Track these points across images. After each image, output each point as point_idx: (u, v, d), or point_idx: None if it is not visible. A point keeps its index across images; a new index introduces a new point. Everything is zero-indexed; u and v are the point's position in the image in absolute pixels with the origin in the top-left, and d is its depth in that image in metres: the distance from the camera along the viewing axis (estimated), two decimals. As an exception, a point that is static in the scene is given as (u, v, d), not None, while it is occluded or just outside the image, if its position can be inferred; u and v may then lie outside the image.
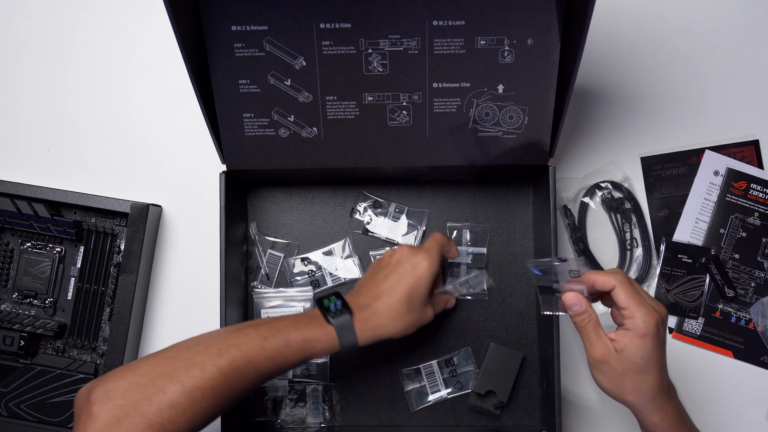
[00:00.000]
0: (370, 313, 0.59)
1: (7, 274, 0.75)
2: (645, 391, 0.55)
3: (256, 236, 0.75)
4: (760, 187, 0.75)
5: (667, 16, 0.78)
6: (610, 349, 0.55)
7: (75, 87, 0.79)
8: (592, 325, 0.56)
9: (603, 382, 0.56)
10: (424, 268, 0.61)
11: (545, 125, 0.65)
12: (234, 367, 0.52)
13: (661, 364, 0.55)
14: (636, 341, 0.54)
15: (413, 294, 0.60)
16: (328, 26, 0.61)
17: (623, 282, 0.55)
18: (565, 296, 0.57)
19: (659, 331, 0.54)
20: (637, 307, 0.54)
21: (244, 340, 0.54)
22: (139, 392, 0.49)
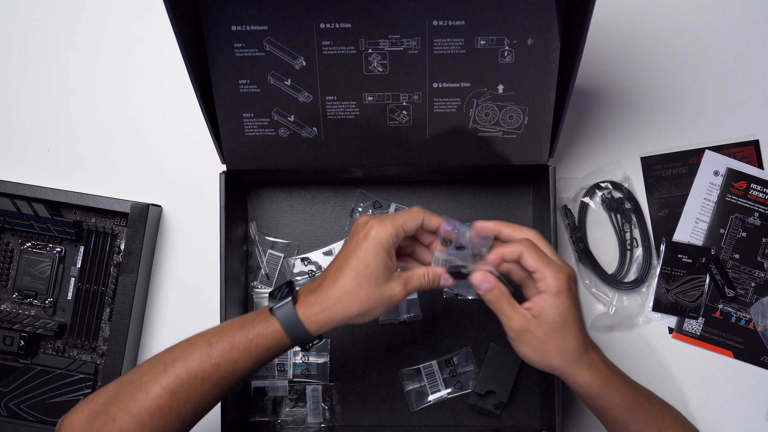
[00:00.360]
0: (317, 296, 0.53)
1: (7, 274, 0.75)
2: (569, 350, 0.54)
3: (256, 236, 0.75)
4: (760, 187, 0.75)
5: (667, 16, 0.78)
6: (528, 317, 0.54)
7: (75, 87, 0.79)
8: (505, 299, 0.55)
9: (527, 353, 0.55)
10: (372, 237, 0.53)
11: (545, 125, 0.65)
12: (179, 382, 0.51)
13: (579, 321, 0.54)
14: (552, 300, 0.53)
15: (360, 267, 0.52)
16: (328, 26, 0.61)
17: (529, 247, 0.54)
18: (472, 277, 0.56)
19: (571, 287, 0.54)
20: (546, 267, 0.53)
21: (189, 350, 0.52)
22: (96, 422, 0.50)
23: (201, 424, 0.55)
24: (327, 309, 0.53)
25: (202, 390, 0.51)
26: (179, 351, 0.53)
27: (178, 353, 0.52)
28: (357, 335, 0.74)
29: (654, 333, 0.74)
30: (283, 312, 0.52)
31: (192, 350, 0.52)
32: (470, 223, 0.58)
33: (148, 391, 0.50)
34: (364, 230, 0.54)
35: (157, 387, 0.51)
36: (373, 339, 0.74)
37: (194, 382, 0.51)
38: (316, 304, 0.53)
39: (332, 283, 0.53)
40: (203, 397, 0.52)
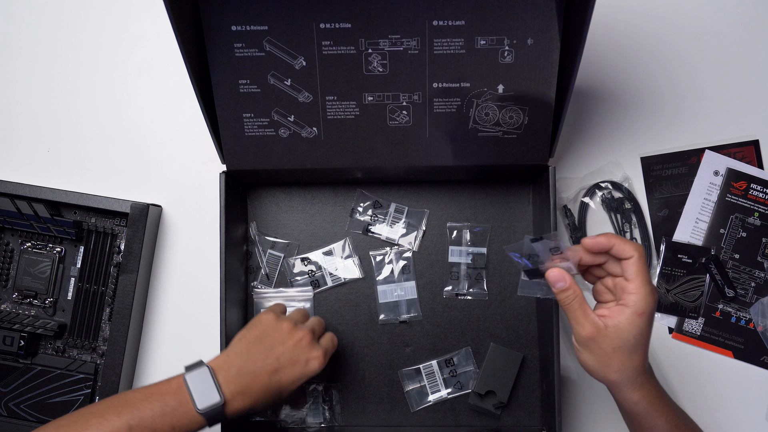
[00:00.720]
0: (246, 394, 0.57)
1: (7, 274, 0.75)
2: (630, 369, 0.54)
3: (256, 236, 0.75)
4: (760, 187, 0.75)
5: (667, 16, 0.78)
6: (599, 326, 0.53)
7: (75, 87, 0.79)
8: (578, 302, 0.54)
9: (589, 361, 0.55)
10: (314, 369, 0.60)
11: (545, 125, 0.65)
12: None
13: (648, 343, 0.55)
14: (633, 319, 0.52)
15: (290, 386, 0.59)
16: (328, 26, 0.61)
17: (642, 255, 0.53)
18: (549, 273, 0.55)
19: (653, 313, 0.54)
20: (644, 284, 0.53)
21: (105, 429, 0.51)
22: None
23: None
24: (251, 405, 0.57)
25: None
26: (92, 427, 0.51)
27: (92, 428, 0.51)
28: (357, 335, 0.74)
29: (654, 333, 0.74)
30: (212, 412, 0.55)
31: (108, 428, 0.51)
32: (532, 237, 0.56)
33: None
34: (307, 357, 0.60)
35: None
36: (373, 339, 0.74)
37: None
38: (243, 400, 0.57)
39: (264, 391, 0.58)
40: None
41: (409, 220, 0.75)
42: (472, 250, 0.74)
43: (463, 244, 0.74)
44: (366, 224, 0.75)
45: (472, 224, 0.75)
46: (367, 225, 0.75)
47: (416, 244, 0.75)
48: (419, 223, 0.75)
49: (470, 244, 0.74)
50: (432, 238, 0.75)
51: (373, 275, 0.75)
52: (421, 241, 0.75)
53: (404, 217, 0.75)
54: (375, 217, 0.75)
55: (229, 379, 0.56)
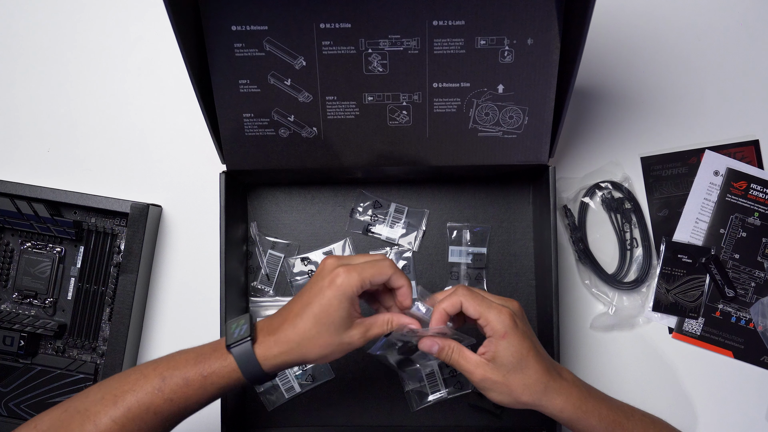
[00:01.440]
0: (276, 339, 0.52)
1: (7, 274, 0.75)
2: (533, 383, 0.54)
3: (256, 236, 0.75)
4: (760, 187, 0.75)
5: (667, 16, 0.78)
6: (484, 365, 0.54)
7: (75, 87, 0.79)
8: (456, 354, 0.56)
9: (496, 397, 0.55)
10: (338, 285, 0.52)
11: (545, 125, 0.65)
12: (131, 416, 0.50)
13: (536, 353, 0.55)
14: (500, 343, 0.54)
15: (321, 314, 0.52)
16: (328, 26, 0.61)
17: (465, 295, 0.55)
18: (421, 344, 0.56)
19: (517, 324, 0.54)
20: (487, 311, 0.54)
21: (141, 383, 0.51)
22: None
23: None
24: (285, 352, 0.52)
25: (153, 423, 0.51)
26: (130, 382, 0.51)
27: (129, 384, 0.51)
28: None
29: (654, 333, 0.74)
30: (241, 351, 0.52)
31: (144, 382, 0.51)
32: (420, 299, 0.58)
33: (97, 423, 0.49)
34: (330, 276, 0.53)
35: (106, 419, 0.50)
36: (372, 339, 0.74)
37: (145, 416, 0.50)
38: (274, 346, 0.52)
39: (292, 327, 0.52)
40: (154, 430, 0.51)
41: (409, 220, 0.75)
42: (472, 250, 0.74)
43: (463, 244, 0.74)
44: (366, 224, 0.75)
45: (472, 224, 0.75)
46: (367, 225, 0.75)
47: (416, 244, 0.75)
48: (419, 223, 0.75)
49: (470, 244, 0.74)
50: (432, 238, 0.75)
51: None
52: (421, 241, 0.75)
53: (404, 217, 0.75)
54: (375, 217, 0.75)
55: (265, 327, 0.54)
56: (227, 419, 0.66)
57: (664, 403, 0.73)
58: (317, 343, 0.52)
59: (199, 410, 0.53)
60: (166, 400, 0.51)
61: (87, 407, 0.50)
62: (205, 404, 0.53)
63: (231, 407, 0.68)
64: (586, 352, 0.74)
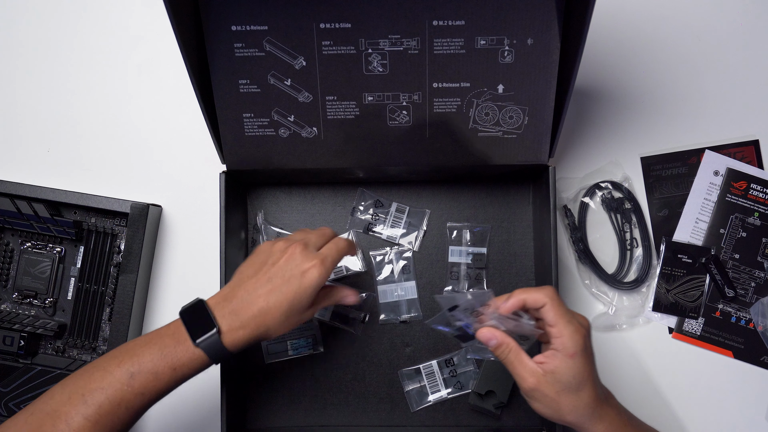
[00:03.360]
0: (242, 323, 0.54)
1: (7, 274, 0.75)
2: (583, 408, 0.54)
3: (262, 225, 0.75)
4: (760, 187, 0.75)
5: (667, 16, 0.78)
6: (539, 375, 0.53)
7: (75, 87, 0.79)
8: (513, 354, 0.55)
9: (540, 408, 0.55)
10: (312, 279, 0.55)
11: (545, 125, 0.65)
12: (103, 413, 0.51)
13: (593, 378, 0.54)
14: (566, 362, 0.53)
15: (295, 304, 0.55)
16: (328, 26, 0.61)
17: (554, 299, 0.54)
18: (479, 333, 0.56)
19: (587, 347, 0.54)
20: (566, 325, 0.53)
21: (108, 380, 0.51)
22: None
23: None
24: (251, 335, 0.55)
25: (125, 417, 0.52)
26: (96, 380, 0.52)
27: (95, 382, 0.52)
28: (357, 335, 0.74)
29: (654, 333, 0.74)
30: (210, 344, 0.53)
31: (110, 379, 0.52)
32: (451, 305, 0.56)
33: (69, 422, 0.50)
34: (301, 269, 0.55)
35: (78, 417, 0.50)
36: (373, 339, 0.74)
37: (117, 411, 0.51)
38: (241, 330, 0.54)
39: (261, 314, 0.55)
40: (126, 422, 0.52)
41: (410, 220, 0.75)
42: (472, 250, 0.74)
43: (463, 244, 0.74)
44: (367, 223, 0.75)
45: (472, 224, 0.75)
46: (368, 224, 0.75)
47: (417, 244, 0.75)
48: (420, 223, 0.75)
49: (470, 244, 0.74)
50: (432, 238, 0.75)
51: (374, 275, 0.75)
52: (421, 241, 0.75)
53: (405, 216, 0.75)
54: (376, 217, 0.75)
55: (225, 312, 0.55)
56: (228, 419, 0.66)
57: (664, 403, 0.73)
58: (281, 325, 0.56)
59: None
60: (137, 394, 0.52)
61: (55, 408, 0.51)
62: (172, 390, 0.55)
63: (231, 407, 0.68)
64: (586, 352, 0.74)
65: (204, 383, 0.73)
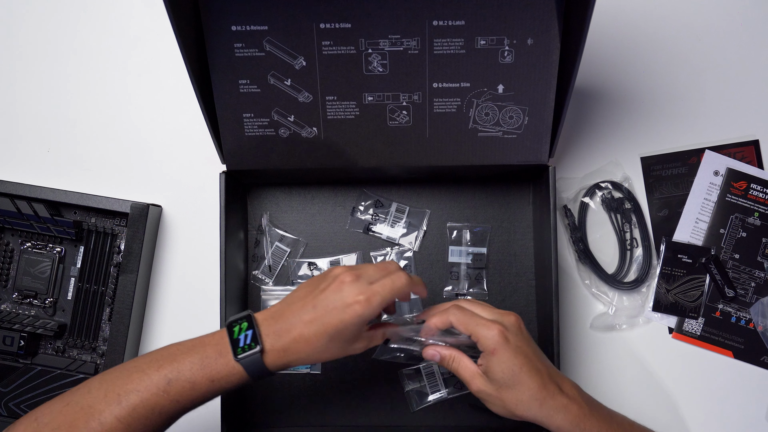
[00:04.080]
0: (283, 346, 0.53)
1: (7, 274, 0.75)
2: (528, 400, 0.54)
3: (267, 227, 0.75)
4: (760, 187, 0.75)
5: (667, 16, 0.78)
6: (479, 376, 0.55)
7: (75, 87, 0.79)
8: (456, 362, 0.56)
9: (493, 409, 0.56)
10: (354, 314, 0.52)
11: (545, 125, 0.65)
12: (136, 416, 0.50)
13: (530, 368, 0.54)
14: (491, 359, 0.54)
15: (335, 337, 0.53)
16: (328, 26, 0.61)
17: (454, 314, 0.55)
18: (424, 352, 0.57)
19: (509, 340, 0.54)
20: (476, 327, 0.54)
21: (145, 384, 0.51)
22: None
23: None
24: (292, 360, 0.53)
25: (158, 422, 0.51)
26: (133, 381, 0.51)
27: (132, 383, 0.51)
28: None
29: (654, 333, 0.74)
30: (251, 362, 0.52)
31: (148, 383, 0.51)
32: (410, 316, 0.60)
33: (102, 421, 0.49)
34: (346, 302, 0.52)
35: (111, 417, 0.50)
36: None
37: (151, 415, 0.51)
38: (283, 354, 0.53)
39: (303, 340, 0.53)
40: (159, 427, 0.52)
41: (410, 220, 0.75)
42: (472, 250, 0.74)
43: (463, 244, 0.74)
44: (367, 223, 0.75)
45: (472, 224, 0.75)
46: (368, 224, 0.75)
47: (417, 244, 0.75)
48: (420, 223, 0.75)
49: (470, 244, 0.74)
50: (432, 238, 0.75)
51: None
52: (421, 241, 0.75)
53: (405, 216, 0.75)
54: (376, 217, 0.75)
55: (270, 330, 0.53)
56: (228, 419, 0.66)
57: (664, 403, 0.73)
58: (325, 355, 0.54)
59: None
60: (172, 401, 0.51)
61: (91, 404, 0.50)
62: (208, 401, 0.54)
63: (231, 407, 0.68)
64: (586, 352, 0.74)
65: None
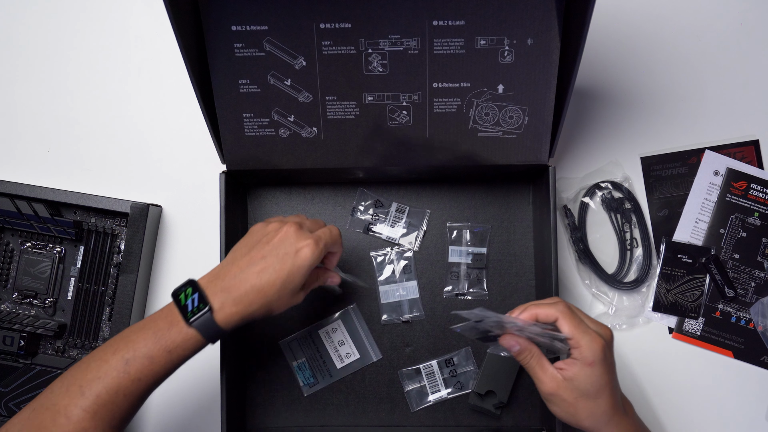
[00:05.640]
0: (234, 300, 0.54)
1: (7, 274, 0.75)
2: (599, 414, 0.55)
3: None
4: (760, 187, 0.75)
5: (667, 16, 0.78)
6: (558, 380, 0.55)
7: (75, 87, 0.79)
8: (535, 360, 0.56)
9: (558, 413, 0.56)
10: (306, 257, 0.55)
11: (545, 125, 0.65)
12: (101, 402, 0.51)
13: (612, 387, 0.55)
14: (585, 370, 0.54)
15: (287, 282, 0.55)
16: (328, 26, 0.61)
17: (564, 312, 0.55)
18: (502, 340, 0.57)
19: (606, 356, 0.54)
20: (582, 335, 0.54)
21: (104, 369, 0.52)
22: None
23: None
24: (245, 314, 0.55)
25: (124, 405, 0.52)
26: (92, 369, 0.52)
27: (92, 372, 0.52)
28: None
29: (654, 333, 0.74)
30: (202, 323, 0.53)
31: (106, 368, 0.52)
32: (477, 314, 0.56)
33: (68, 416, 0.50)
34: (296, 247, 0.56)
35: (77, 410, 0.50)
36: (373, 339, 0.74)
37: (116, 399, 0.52)
38: (233, 307, 0.54)
39: (254, 290, 0.54)
40: (126, 410, 0.53)
41: (410, 220, 0.75)
42: (472, 250, 0.74)
43: (463, 244, 0.74)
44: (367, 223, 0.75)
45: (472, 224, 0.75)
46: (368, 224, 0.75)
47: (417, 244, 0.75)
48: (420, 223, 0.75)
49: (470, 244, 0.74)
50: (432, 238, 0.75)
51: (375, 278, 0.75)
52: (421, 240, 0.75)
53: (405, 216, 0.75)
54: (376, 216, 0.75)
55: (217, 289, 0.54)
56: (228, 419, 0.66)
57: (664, 403, 0.73)
58: (275, 304, 0.56)
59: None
60: (133, 380, 0.52)
61: (54, 402, 0.51)
62: (171, 374, 0.55)
63: (232, 407, 0.68)
64: (586, 352, 0.74)
65: (204, 382, 0.74)
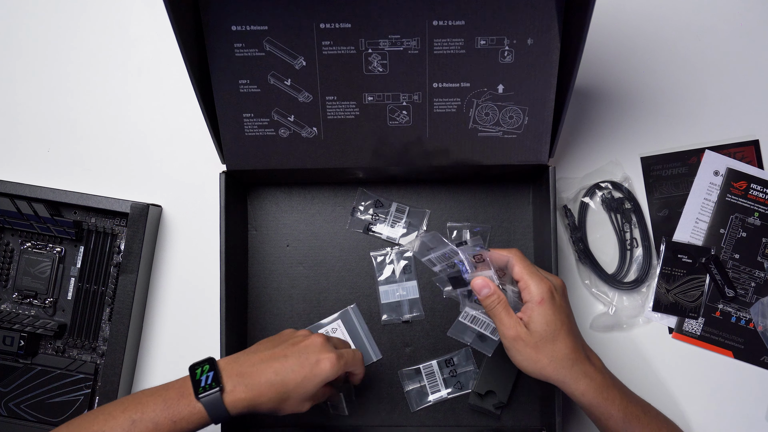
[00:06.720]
0: (247, 386, 0.55)
1: (7, 274, 0.75)
2: (560, 359, 0.56)
3: None
4: (760, 187, 0.75)
5: (667, 16, 0.78)
6: (520, 325, 0.56)
7: (75, 87, 0.79)
8: (501, 306, 0.58)
9: (521, 362, 0.57)
10: (325, 368, 0.57)
11: (545, 125, 0.65)
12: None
13: (569, 329, 0.56)
14: (536, 309, 0.56)
15: (300, 387, 0.56)
16: (328, 26, 0.61)
17: (518, 256, 0.58)
18: (474, 282, 0.58)
19: (554, 297, 0.56)
20: (530, 277, 0.57)
21: (110, 425, 0.53)
22: None
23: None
24: (253, 403, 0.55)
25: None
26: (99, 423, 0.53)
27: (97, 425, 0.53)
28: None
29: (654, 333, 0.74)
30: (210, 401, 0.54)
31: (113, 424, 0.53)
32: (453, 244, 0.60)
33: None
34: (317, 359, 0.57)
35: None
36: (373, 339, 0.74)
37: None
38: (243, 394, 0.55)
39: (268, 385, 0.56)
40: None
41: (410, 220, 0.75)
42: (472, 250, 0.74)
43: (463, 244, 0.74)
44: (367, 223, 0.75)
45: (472, 224, 0.75)
46: (368, 224, 0.75)
47: (417, 244, 0.75)
48: (420, 223, 0.75)
49: (470, 244, 0.74)
50: (432, 238, 0.75)
51: (374, 276, 0.75)
52: (421, 241, 0.75)
53: (405, 216, 0.75)
54: (376, 217, 0.75)
55: (233, 372, 0.56)
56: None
57: (664, 403, 0.73)
58: (283, 405, 0.57)
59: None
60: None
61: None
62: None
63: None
64: (586, 352, 0.74)
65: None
